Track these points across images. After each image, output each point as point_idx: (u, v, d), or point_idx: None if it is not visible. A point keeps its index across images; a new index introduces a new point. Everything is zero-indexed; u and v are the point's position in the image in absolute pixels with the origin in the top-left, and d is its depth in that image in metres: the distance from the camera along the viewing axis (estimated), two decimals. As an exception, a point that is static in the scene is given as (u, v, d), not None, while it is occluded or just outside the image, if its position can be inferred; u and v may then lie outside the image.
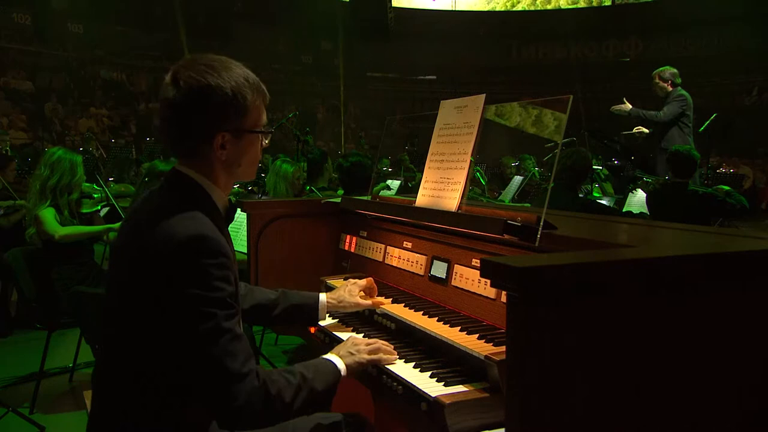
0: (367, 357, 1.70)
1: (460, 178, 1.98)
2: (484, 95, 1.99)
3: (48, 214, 3.86)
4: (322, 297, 2.05)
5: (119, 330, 1.51)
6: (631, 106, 6.37)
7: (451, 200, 1.98)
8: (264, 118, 1.59)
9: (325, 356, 1.69)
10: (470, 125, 2.00)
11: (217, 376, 1.38)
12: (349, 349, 1.71)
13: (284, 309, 2.01)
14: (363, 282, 2.09)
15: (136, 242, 1.49)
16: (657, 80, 6.30)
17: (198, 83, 1.46)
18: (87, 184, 5.11)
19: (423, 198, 2.14)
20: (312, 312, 2.03)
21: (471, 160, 1.97)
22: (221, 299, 1.39)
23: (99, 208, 4.78)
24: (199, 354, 1.38)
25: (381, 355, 1.72)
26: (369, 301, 2.05)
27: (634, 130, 6.53)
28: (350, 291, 2.06)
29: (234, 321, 1.42)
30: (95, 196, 4.89)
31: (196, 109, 1.47)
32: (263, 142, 1.61)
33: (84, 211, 4.27)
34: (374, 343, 1.75)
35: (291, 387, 1.48)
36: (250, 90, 1.52)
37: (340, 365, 1.65)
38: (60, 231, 3.84)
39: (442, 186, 2.06)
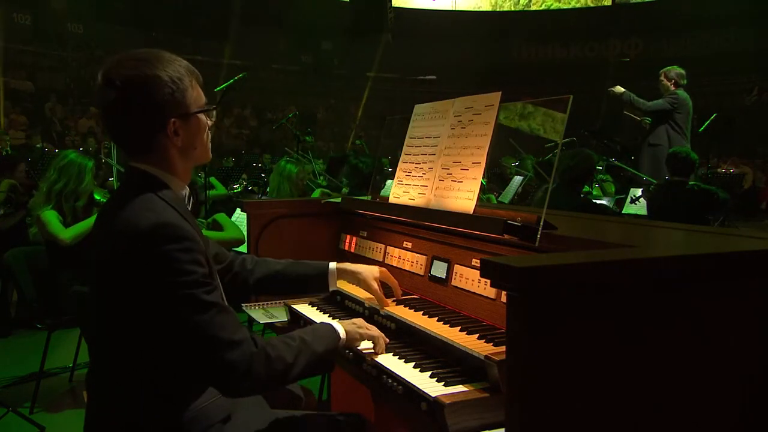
0: (366, 331, 1.74)
1: (475, 178, 1.94)
2: (499, 93, 1.95)
3: (50, 216, 3.82)
4: (332, 266, 2.07)
5: (106, 328, 1.52)
6: (623, 90, 6.43)
7: (462, 201, 1.96)
8: (203, 97, 1.62)
9: (326, 321, 1.75)
10: (486, 123, 1.96)
11: (212, 350, 1.40)
12: (352, 321, 1.77)
13: (292, 280, 2.05)
14: (387, 275, 2.10)
15: (101, 241, 1.51)
16: (662, 78, 6.35)
17: (135, 77, 1.48)
18: (100, 191, 5.07)
19: (422, 197, 2.14)
20: (321, 280, 2.06)
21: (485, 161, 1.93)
22: (196, 280, 1.41)
23: None
24: (189, 334, 1.40)
25: (380, 338, 1.75)
26: (380, 291, 2.03)
27: (641, 120, 6.56)
28: (372, 271, 2.06)
29: (215, 295, 1.44)
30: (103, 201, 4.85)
31: (142, 102, 1.49)
32: (209, 121, 1.64)
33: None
34: (373, 329, 1.79)
35: (291, 349, 1.51)
36: (185, 73, 1.56)
37: (340, 329, 1.70)
38: (66, 234, 3.79)
39: (450, 185, 2.05)
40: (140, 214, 1.43)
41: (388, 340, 1.79)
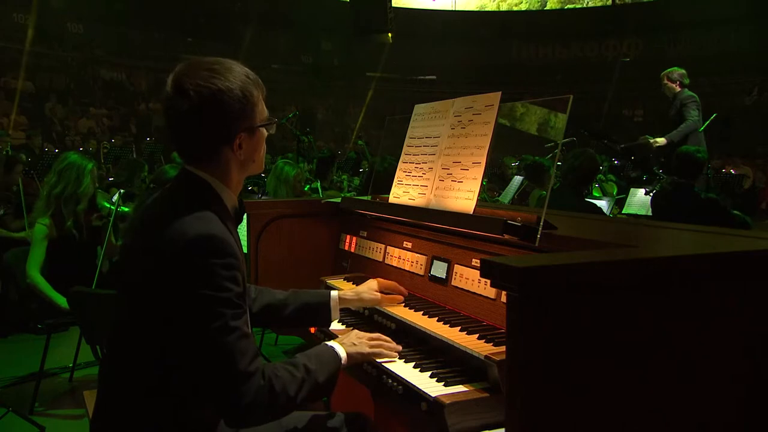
0: (368, 349, 1.71)
1: (475, 178, 1.94)
2: (499, 93, 1.95)
3: (38, 235, 3.71)
4: (334, 294, 2.02)
5: (129, 329, 1.51)
6: (665, 140, 6.04)
7: (462, 201, 1.96)
8: (266, 109, 1.62)
9: (328, 343, 1.70)
10: (486, 123, 1.96)
11: (226, 375, 1.39)
12: (352, 340, 1.73)
13: (295, 309, 1.99)
14: (384, 281, 2.09)
15: (146, 242, 1.50)
16: (665, 81, 6.22)
17: (209, 90, 1.47)
18: (103, 194, 5.03)
19: (422, 197, 2.14)
20: (324, 311, 2.00)
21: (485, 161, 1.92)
22: (229, 299, 1.40)
23: (101, 223, 4.70)
24: (207, 353, 1.39)
25: (382, 350, 1.73)
26: (386, 298, 2.03)
27: (651, 141, 6.18)
28: (369, 286, 2.05)
29: (242, 320, 1.43)
30: (104, 211, 4.79)
31: (214, 116, 1.49)
32: (267, 133, 1.65)
33: (96, 225, 4.19)
34: (377, 338, 1.76)
35: (295, 381, 1.49)
36: (254, 86, 1.55)
37: (342, 353, 1.67)
38: (32, 273, 3.64)
39: (450, 185, 2.05)
40: (189, 223, 1.43)
41: (398, 347, 1.76)
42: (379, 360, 1.72)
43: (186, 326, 1.40)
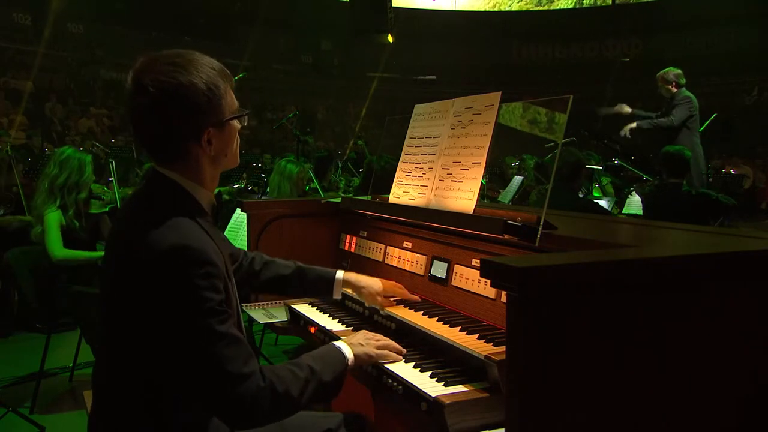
0: (376, 351, 1.70)
1: (475, 178, 1.94)
2: (499, 93, 1.96)
3: (52, 221, 3.77)
4: (339, 275, 2.10)
5: (115, 336, 1.49)
6: (631, 113, 6.10)
7: (462, 201, 1.96)
8: (236, 101, 1.56)
9: (335, 343, 1.68)
10: (486, 123, 1.97)
11: (221, 382, 1.36)
12: (360, 340, 1.71)
13: (300, 286, 2.11)
14: (390, 285, 2.08)
15: (119, 250, 1.47)
16: (661, 83, 6.14)
17: (170, 85, 1.40)
18: (97, 186, 5.08)
19: (423, 197, 2.15)
20: (328, 286, 2.10)
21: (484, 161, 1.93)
22: (211, 308, 1.36)
23: (107, 209, 4.75)
24: (198, 363, 1.37)
25: (389, 352, 1.73)
26: (382, 304, 2.03)
27: (624, 133, 6.19)
28: (372, 288, 2.06)
29: (228, 324, 1.39)
30: (104, 197, 4.85)
31: (177, 112, 1.42)
32: (240, 126, 1.59)
33: (92, 212, 4.23)
34: (384, 339, 1.76)
35: (299, 381, 1.46)
36: (220, 78, 1.49)
37: (349, 354, 1.64)
38: (58, 252, 3.74)
39: (450, 185, 2.05)
40: (161, 232, 1.37)
41: (403, 350, 1.75)
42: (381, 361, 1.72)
43: (172, 340, 1.37)
